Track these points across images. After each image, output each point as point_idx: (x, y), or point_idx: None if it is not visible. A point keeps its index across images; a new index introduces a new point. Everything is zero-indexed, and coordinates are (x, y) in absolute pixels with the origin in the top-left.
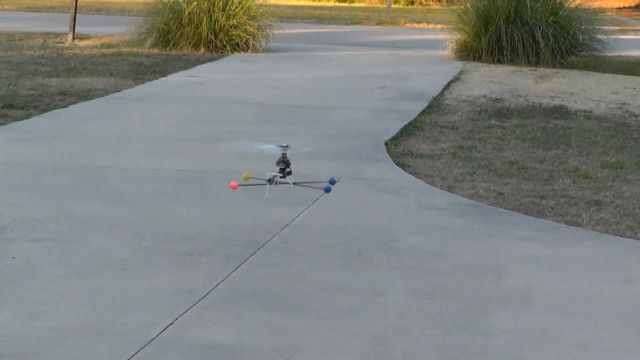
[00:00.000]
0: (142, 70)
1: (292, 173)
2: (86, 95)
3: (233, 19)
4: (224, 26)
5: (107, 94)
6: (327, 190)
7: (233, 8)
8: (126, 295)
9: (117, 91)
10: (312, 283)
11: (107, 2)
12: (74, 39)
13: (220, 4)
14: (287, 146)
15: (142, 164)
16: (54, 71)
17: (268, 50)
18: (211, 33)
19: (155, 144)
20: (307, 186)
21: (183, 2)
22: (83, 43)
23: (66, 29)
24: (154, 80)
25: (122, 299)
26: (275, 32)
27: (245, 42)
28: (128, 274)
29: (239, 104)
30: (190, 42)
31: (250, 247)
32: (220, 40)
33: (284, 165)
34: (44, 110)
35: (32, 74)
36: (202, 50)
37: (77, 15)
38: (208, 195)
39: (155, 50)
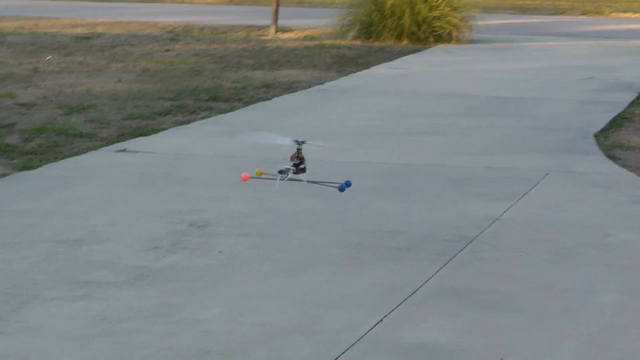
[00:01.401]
0: (345, 63)
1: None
2: (289, 87)
3: (436, 10)
4: (426, 17)
5: (310, 87)
6: (342, 189)
7: None
8: (333, 292)
9: (320, 83)
10: (523, 281)
11: None
12: (276, 31)
13: None
14: (303, 141)
15: (346, 157)
16: (257, 64)
17: (471, 42)
18: (414, 24)
19: (359, 137)
20: (320, 184)
21: None
22: (286, 35)
23: (269, 21)
24: (357, 73)
25: (329, 296)
26: (479, 23)
27: (448, 34)
28: (334, 270)
29: (443, 97)
30: (392, 34)
31: (458, 242)
32: (423, 31)
33: (299, 161)
34: (247, 103)
35: (236, 66)
36: (405, 41)
37: (279, 7)
38: (414, 190)
39: (358, 42)
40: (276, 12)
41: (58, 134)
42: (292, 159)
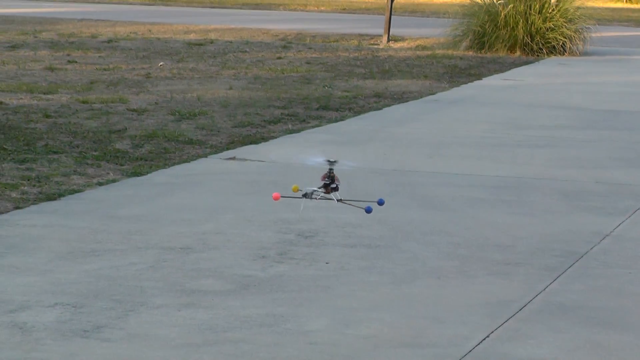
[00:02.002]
0: (457, 73)
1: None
2: (400, 97)
3: (550, 21)
4: (540, 29)
5: (421, 97)
6: (368, 210)
7: (550, 10)
8: (440, 305)
9: (431, 94)
10: (634, 298)
11: (421, 3)
12: (388, 40)
13: (537, 6)
14: (334, 161)
15: (456, 169)
16: (369, 73)
17: (585, 54)
18: (527, 36)
19: (469, 148)
20: (350, 204)
21: (499, 4)
22: (398, 45)
23: (381, 30)
24: (469, 83)
25: (436, 309)
26: (593, 35)
27: (562, 45)
28: (442, 282)
29: (555, 109)
30: (505, 45)
31: (568, 258)
32: (536, 43)
33: (329, 180)
34: (358, 113)
35: (347, 75)
36: (518, 53)
37: (392, 16)
38: (524, 203)
39: (470, 53)
40: (389, 21)
41: (168, 141)
42: (323, 178)
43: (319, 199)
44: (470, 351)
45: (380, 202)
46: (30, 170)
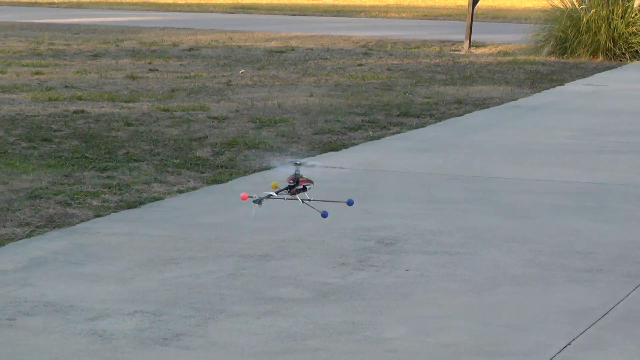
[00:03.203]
0: (539, 79)
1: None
2: (482, 103)
3: (633, 26)
4: (623, 33)
5: (502, 103)
6: (324, 215)
7: (633, 15)
8: (520, 313)
9: (513, 100)
10: None
11: (503, 9)
12: (470, 46)
13: (620, 10)
14: (300, 163)
15: (537, 175)
16: (450, 79)
17: None
18: (610, 40)
19: (551, 155)
20: (312, 207)
21: (581, 9)
22: (479, 51)
23: (462, 36)
24: (551, 89)
25: (516, 317)
26: None
27: None
28: (522, 290)
29: (638, 115)
30: (588, 50)
31: None
32: (619, 47)
33: (294, 182)
34: (439, 119)
35: (428, 81)
36: (600, 58)
37: (473, 22)
38: (606, 210)
39: (552, 58)
40: (470, 27)
41: (248, 148)
42: (289, 180)
43: (286, 199)
44: (551, 359)
45: (350, 203)
46: (111, 179)
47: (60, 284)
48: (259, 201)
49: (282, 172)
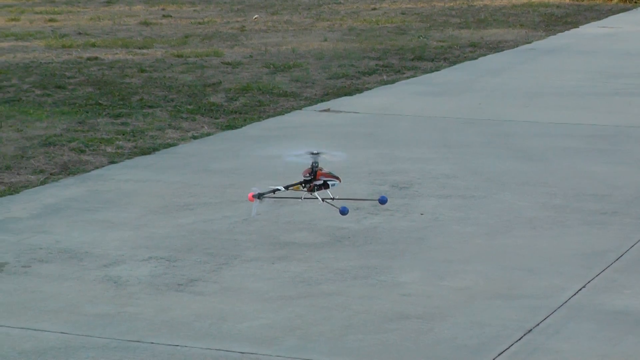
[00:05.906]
0: (553, 21)
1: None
2: (496, 47)
3: None
4: None
5: (517, 46)
6: (343, 211)
7: None
8: (535, 256)
9: (527, 42)
10: None
11: None
12: None
13: None
14: (317, 153)
15: (552, 118)
16: (464, 23)
17: None
18: None
19: (565, 98)
20: (332, 204)
21: None
22: None
23: None
24: (565, 32)
25: (531, 260)
26: None
27: None
28: (537, 233)
29: None
30: None
31: None
32: None
33: (311, 176)
34: (453, 63)
35: (442, 25)
36: (615, 0)
37: None
38: (621, 152)
39: (567, 1)
40: None
41: (262, 93)
42: (304, 174)
43: (304, 199)
44: (565, 302)
45: (382, 200)
46: (125, 125)
47: (74, 231)
48: (259, 196)
49: (297, 164)
